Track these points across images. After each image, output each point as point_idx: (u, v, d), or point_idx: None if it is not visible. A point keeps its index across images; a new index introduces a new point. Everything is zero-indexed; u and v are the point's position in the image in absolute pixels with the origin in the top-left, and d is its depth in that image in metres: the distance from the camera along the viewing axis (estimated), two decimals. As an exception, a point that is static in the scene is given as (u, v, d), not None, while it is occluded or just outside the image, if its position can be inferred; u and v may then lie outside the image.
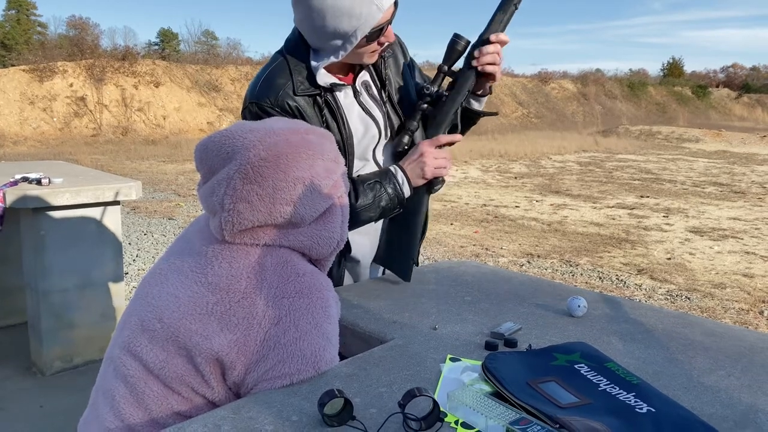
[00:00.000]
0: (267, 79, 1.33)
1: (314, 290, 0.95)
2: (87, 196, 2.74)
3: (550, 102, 29.01)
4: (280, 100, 1.30)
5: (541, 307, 1.34)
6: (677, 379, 1.00)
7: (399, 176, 1.38)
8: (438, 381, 0.97)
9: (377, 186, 1.36)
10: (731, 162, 14.57)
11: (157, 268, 1.03)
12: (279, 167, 0.94)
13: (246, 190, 0.93)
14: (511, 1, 1.34)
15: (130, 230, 6.06)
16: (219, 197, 0.95)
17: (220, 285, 0.92)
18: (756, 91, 44.22)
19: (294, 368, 0.91)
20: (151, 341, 0.94)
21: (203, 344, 0.90)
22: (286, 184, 0.95)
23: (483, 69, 1.35)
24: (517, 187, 9.83)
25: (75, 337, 2.84)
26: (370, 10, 1.22)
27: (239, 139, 0.96)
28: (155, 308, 0.96)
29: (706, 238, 6.41)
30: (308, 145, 0.98)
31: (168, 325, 0.93)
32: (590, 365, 0.99)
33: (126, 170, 10.41)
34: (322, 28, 1.25)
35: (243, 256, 0.94)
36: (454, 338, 1.15)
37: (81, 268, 2.82)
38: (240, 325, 0.89)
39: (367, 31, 1.25)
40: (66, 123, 16.30)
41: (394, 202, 1.37)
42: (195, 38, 36.93)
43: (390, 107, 1.44)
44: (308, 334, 0.92)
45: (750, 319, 4.06)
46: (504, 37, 1.34)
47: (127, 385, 0.95)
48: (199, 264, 0.96)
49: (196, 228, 1.05)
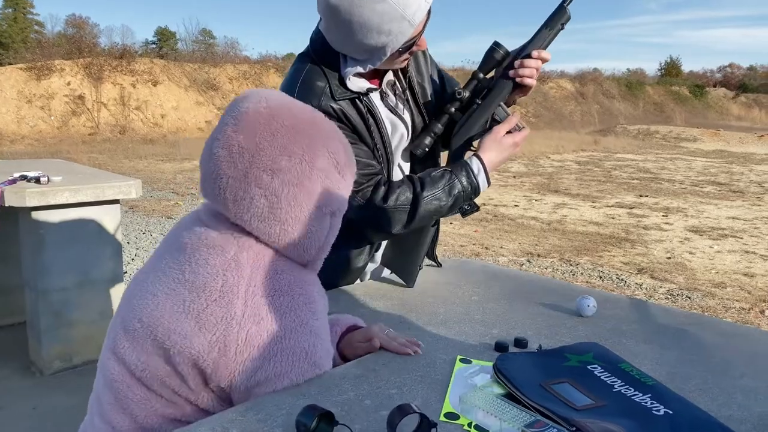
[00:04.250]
0: (305, 83, 1.25)
1: (295, 287, 0.91)
2: (86, 195, 2.72)
3: (548, 101, 29.02)
4: (323, 104, 1.23)
5: (549, 307, 1.33)
6: (691, 380, 0.99)
7: (474, 164, 1.32)
8: (449, 382, 0.95)
9: (447, 174, 1.30)
10: (729, 161, 14.58)
11: (142, 268, 1.00)
12: (269, 127, 0.90)
13: (231, 137, 0.90)
14: (559, 20, 1.29)
15: (128, 229, 6.03)
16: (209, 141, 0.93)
17: (196, 283, 0.88)
18: (753, 91, 44.29)
19: (286, 366, 0.87)
20: (133, 343, 0.91)
21: (181, 342, 0.86)
22: (270, 148, 0.88)
23: (522, 81, 1.29)
24: (515, 187, 9.81)
25: (74, 336, 2.82)
26: (401, 27, 1.16)
27: (253, 92, 0.94)
28: (135, 308, 0.92)
29: (705, 237, 6.40)
30: (312, 124, 0.93)
31: (147, 324, 0.89)
32: (604, 366, 0.97)
33: (124, 169, 10.37)
34: (350, 42, 1.19)
35: (219, 253, 0.90)
36: (463, 339, 1.13)
37: (80, 266, 2.80)
38: (218, 324, 0.86)
39: (398, 47, 1.20)
40: (64, 122, 16.23)
41: (468, 191, 1.31)
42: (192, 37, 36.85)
43: (414, 106, 1.39)
44: (294, 331, 0.88)
45: (751, 318, 4.05)
46: (546, 55, 1.30)
47: (112, 390, 0.92)
48: (177, 261, 0.92)
49: (181, 222, 1.01)
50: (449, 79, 1.50)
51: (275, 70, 21.72)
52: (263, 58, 23.73)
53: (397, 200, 1.27)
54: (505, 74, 1.32)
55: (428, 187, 1.28)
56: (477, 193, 1.33)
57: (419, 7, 1.16)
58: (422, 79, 1.40)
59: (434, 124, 1.36)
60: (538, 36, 1.31)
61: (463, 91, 1.34)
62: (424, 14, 1.18)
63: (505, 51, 1.32)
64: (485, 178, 1.32)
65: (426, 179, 1.29)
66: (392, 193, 1.27)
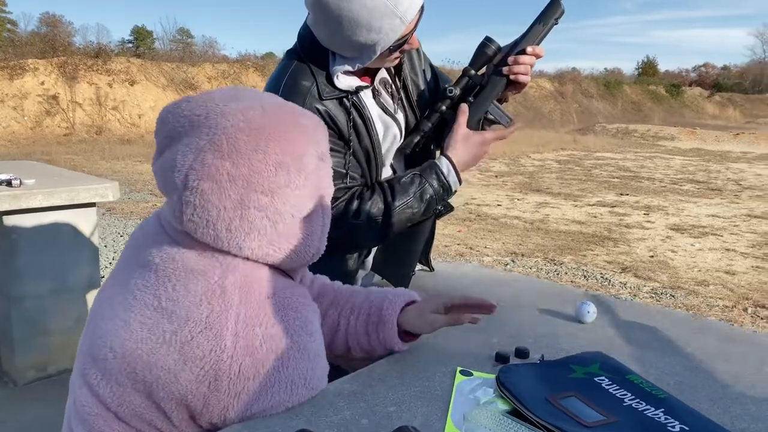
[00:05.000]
0: (291, 81, 1.19)
1: (289, 310, 0.83)
2: (61, 198, 2.62)
3: (527, 100, 29.16)
4: (308, 104, 1.17)
5: (547, 313, 1.28)
6: (701, 390, 0.95)
7: (443, 165, 1.26)
8: (450, 397, 0.90)
9: (417, 179, 1.25)
10: (706, 159, 14.78)
11: (107, 283, 0.91)
12: (258, 145, 0.79)
13: (216, 165, 0.78)
14: (553, 15, 1.24)
15: (106, 232, 5.90)
16: (183, 171, 0.79)
17: (176, 312, 0.78)
18: (727, 90, 45.08)
19: (285, 396, 0.81)
20: (105, 374, 0.81)
21: (166, 378, 0.77)
22: (266, 168, 0.79)
23: (516, 78, 1.25)
24: (498, 186, 9.82)
25: (49, 345, 2.72)
26: (392, 24, 1.10)
27: (219, 104, 0.81)
28: (104, 333, 0.83)
29: (686, 235, 6.45)
30: (299, 129, 0.85)
31: (121, 355, 0.80)
32: (611, 378, 0.93)
33: (101, 170, 10.17)
34: (338, 38, 1.14)
35: (200, 278, 0.80)
36: (462, 349, 1.08)
37: (55, 272, 2.70)
38: (207, 358, 0.77)
39: (388, 45, 1.14)
40: (37, 122, 15.89)
41: (439, 193, 1.26)
42: (170, 36, 36.40)
43: (407, 104, 1.34)
44: (291, 359, 0.81)
45: (734, 316, 4.08)
46: (541, 51, 1.25)
47: (86, 425, 0.84)
48: (148, 283, 0.82)
49: (143, 233, 0.92)
50: (442, 75, 1.45)
51: (254, 69, 21.51)
52: (242, 57, 23.47)
53: (370, 213, 1.22)
54: (498, 71, 1.27)
55: (399, 196, 1.23)
56: (450, 194, 1.28)
57: (411, 3, 1.10)
58: (416, 76, 1.35)
59: (424, 122, 1.31)
60: (531, 31, 1.26)
61: (455, 89, 1.29)
62: (416, 11, 1.12)
63: (497, 46, 1.28)
64: (456, 178, 1.27)
65: (396, 186, 1.24)
66: (364, 206, 1.22)
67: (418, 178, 1.25)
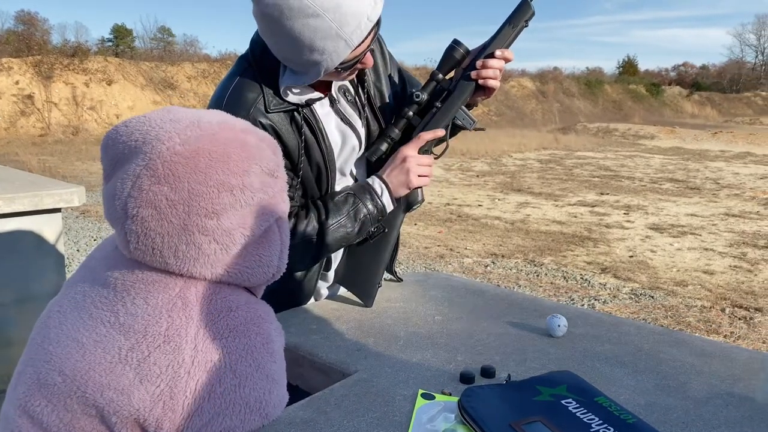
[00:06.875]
0: (235, 92, 1.14)
1: (251, 325, 0.79)
2: (23, 204, 2.52)
3: (509, 100, 29.27)
4: (251, 117, 1.12)
5: (517, 326, 1.24)
6: (673, 411, 0.91)
7: (377, 185, 1.23)
8: (409, 424, 0.84)
9: (350, 199, 1.22)
10: (685, 158, 14.92)
11: (55, 305, 0.85)
12: (198, 167, 0.76)
13: (153, 191, 0.75)
14: (523, 17, 1.20)
15: (78, 236, 5.77)
16: (122, 199, 0.76)
17: (134, 327, 0.75)
18: (706, 89, 45.64)
19: (237, 420, 0.76)
20: (51, 400, 0.76)
21: (119, 400, 0.73)
22: (207, 190, 0.76)
23: (485, 83, 1.21)
24: (479, 186, 9.81)
25: (13, 356, 2.62)
26: (336, 47, 1.04)
27: (154, 127, 0.78)
28: (54, 357, 0.78)
29: (666, 234, 6.48)
30: (242, 147, 0.80)
31: (72, 378, 0.75)
32: (579, 400, 0.88)
33: (76, 171, 10.00)
34: (283, 54, 1.09)
35: (161, 289, 0.77)
36: (425, 368, 1.03)
37: (18, 281, 2.60)
38: (163, 374, 0.73)
39: (333, 67, 1.08)
40: (12, 122, 15.61)
41: (373, 214, 1.23)
42: (150, 35, 35.91)
43: (370, 112, 1.28)
44: (249, 378, 0.77)
45: (712, 316, 4.08)
46: (510, 55, 1.21)
47: None
48: (106, 299, 0.78)
49: (102, 254, 0.87)
50: (410, 79, 1.39)
51: (235, 68, 21.33)
52: (223, 56, 23.26)
53: (305, 233, 1.18)
54: (466, 75, 1.22)
55: (332, 214, 1.20)
56: (384, 215, 1.26)
57: (358, 25, 1.04)
58: (380, 82, 1.30)
59: (391, 129, 1.26)
60: (500, 34, 1.21)
61: (421, 94, 1.24)
62: (364, 34, 1.06)
63: (465, 49, 1.23)
64: (390, 199, 1.24)
65: (329, 204, 1.21)
66: (300, 225, 1.18)
67: (352, 197, 1.22)
